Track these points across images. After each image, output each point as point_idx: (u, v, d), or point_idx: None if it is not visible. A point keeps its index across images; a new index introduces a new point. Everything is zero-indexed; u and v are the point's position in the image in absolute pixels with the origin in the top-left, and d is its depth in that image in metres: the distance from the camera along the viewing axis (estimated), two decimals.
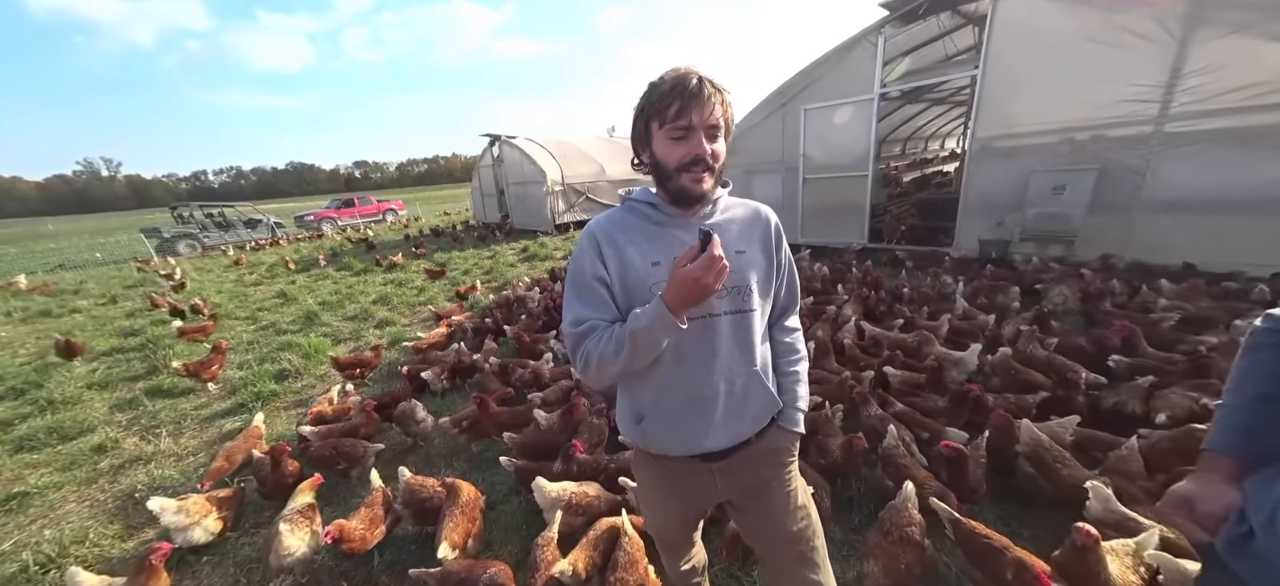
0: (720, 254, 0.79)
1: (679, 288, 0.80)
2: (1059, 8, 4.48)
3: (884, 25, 5.63)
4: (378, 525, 1.94)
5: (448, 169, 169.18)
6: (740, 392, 0.96)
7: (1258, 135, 3.83)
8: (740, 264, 0.94)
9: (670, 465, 1.03)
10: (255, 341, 5.06)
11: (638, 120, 0.91)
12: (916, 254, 5.71)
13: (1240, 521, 0.65)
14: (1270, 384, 0.68)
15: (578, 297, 0.94)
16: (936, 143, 15.51)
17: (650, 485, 1.15)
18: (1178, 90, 4.07)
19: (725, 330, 0.93)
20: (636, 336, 0.84)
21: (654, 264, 0.92)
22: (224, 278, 9.24)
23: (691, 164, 0.87)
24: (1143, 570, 1.38)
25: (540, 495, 1.87)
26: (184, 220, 14.70)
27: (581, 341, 0.91)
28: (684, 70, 0.86)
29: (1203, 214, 4.16)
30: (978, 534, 1.50)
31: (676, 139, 0.86)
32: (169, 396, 3.82)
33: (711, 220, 0.97)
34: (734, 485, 1.05)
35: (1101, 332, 2.91)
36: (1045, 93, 4.74)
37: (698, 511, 1.22)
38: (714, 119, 0.86)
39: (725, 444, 0.97)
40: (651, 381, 0.95)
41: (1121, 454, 1.83)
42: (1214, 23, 3.82)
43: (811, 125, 6.53)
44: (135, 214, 65.99)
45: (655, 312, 0.82)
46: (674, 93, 0.83)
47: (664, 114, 0.85)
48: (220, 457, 2.54)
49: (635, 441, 1.05)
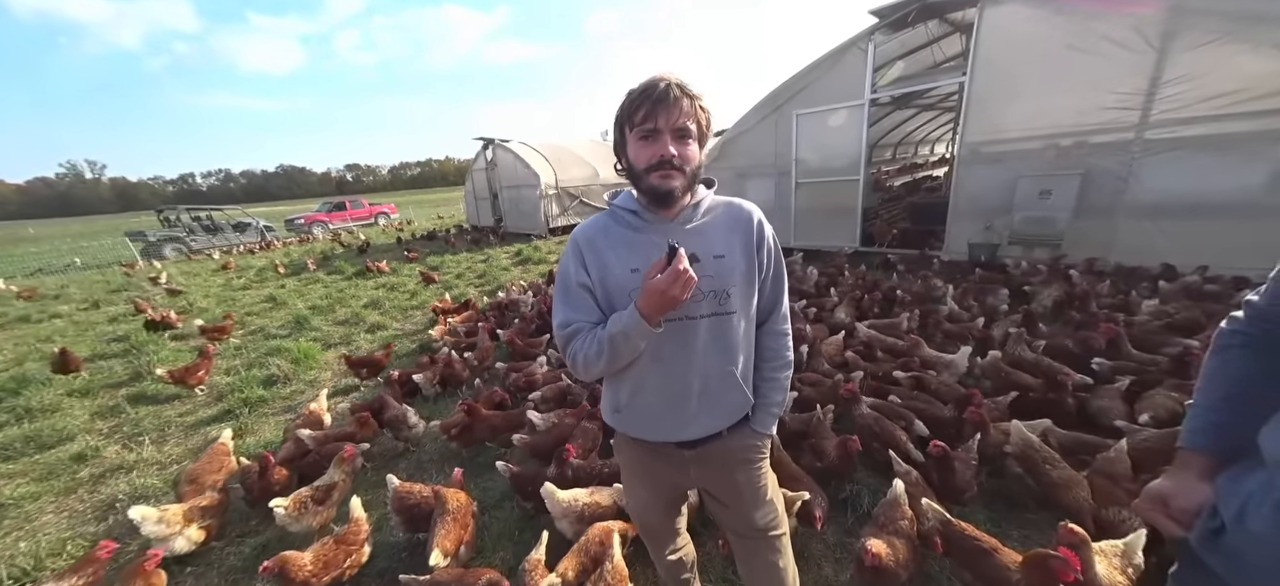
0: (685, 268, 0.83)
1: (648, 298, 0.85)
2: (1043, 16, 4.58)
3: (874, 32, 5.72)
4: (332, 570, 1.68)
5: (441, 172, 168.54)
6: (715, 390, 1.01)
7: (1234, 142, 3.94)
8: (720, 268, 0.97)
9: (647, 449, 1.10)
10: (243, 346, 4.98)
11: (615, 127, 0.96)
12: (907, 257, 5.79)
13: (1212, 517, 0.66)
14: (1237, 383, 0.71)
15: (565, 301, 1.01)
16: (927, 148, 15.76)
17: (629, 467, 1.23)
18: (1157, 98, 4.17)
19: (703, 332, 0.98)
20: (614, 340, 0.91)
21: (632, 270, 0.96)
22: (211, 282, 9.09)
23: (658, 165, 0.90)
24: (1131, 571, 1.40)
25: (550, 502, 1.84)
26: (170, 223, 14.44)
27: (569, 342, 0.98)
28: (656, 76, 0.89)
29: (1183, 218, 4.27)
30: (967, 535, 1.52)
31: (644, 141, 0.90)
32: (153, 403, 3.74)
33: (692, 224, 0.98)
34: (707, 476, 1.13)
35: (1087, 334, 2.96)
36: (1031, 99, 4.84)
37: (673, 495, 1.25)
38: (682, 123, 0.88)
39: (697, 435, 1.04)
40: (630, 377, 1.01)
41: (1110, 456, 1.85)
42: (1190, 32, 3.93)
43: (804, 130, 6.60)
44: (120, 217, 64.76)
45: (629, 319, 0.88)
46: (642, 97, 0.88)
47: (633, 118, 0.90)
48: (183, 483, 2.34)
49: (615, 428, 1.13)
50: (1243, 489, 0.63)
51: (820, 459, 2.13)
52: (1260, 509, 0.60)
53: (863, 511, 1.98)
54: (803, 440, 2.26)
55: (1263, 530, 0.59)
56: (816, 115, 6.40)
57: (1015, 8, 4.74)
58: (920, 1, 5.34)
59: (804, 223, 7.02)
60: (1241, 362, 0.71)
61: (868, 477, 2.16)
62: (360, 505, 1.92)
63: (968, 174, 5.49)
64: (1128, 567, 1.41)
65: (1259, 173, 3.92)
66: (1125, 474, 1.78)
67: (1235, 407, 0.69)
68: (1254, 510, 0.60)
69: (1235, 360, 0.72)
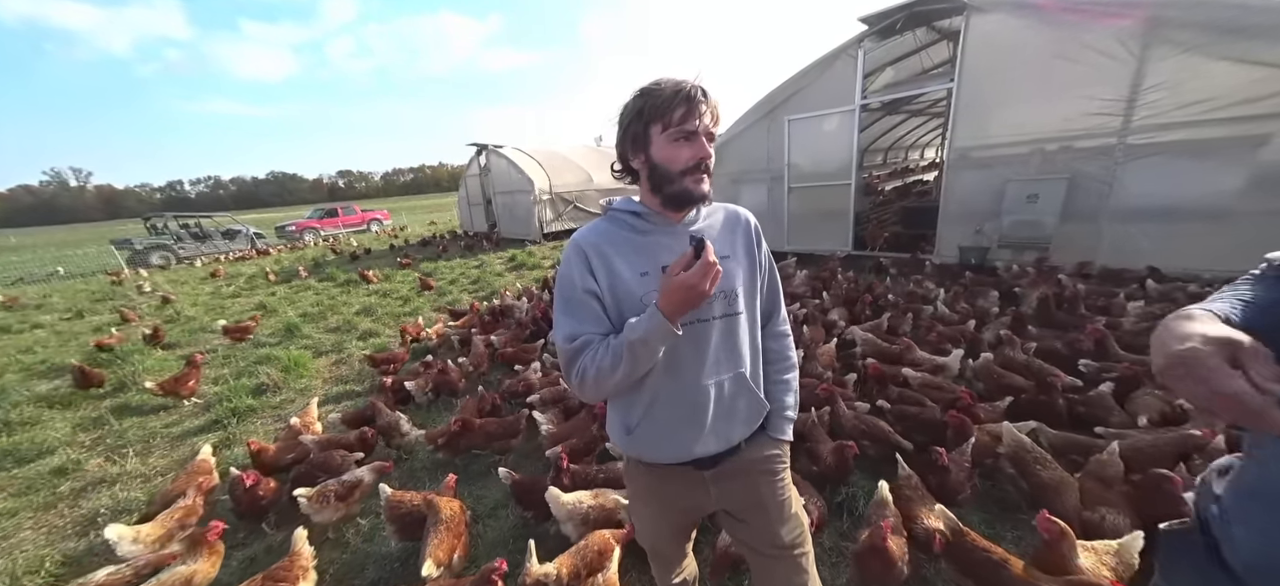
0: (714, 259, 0.81)
1: (673, 295, 0.81)
2: (1027, 25, 4.68)
3: (863, 39, 5.81)
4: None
5: (434, 178, 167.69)
6: (728, 396, 0.97)
7: (1209, 147, 4.06)
8: (726, 268, 0.95)
9: (663, 473, 1.03)
10: (232, 355, 4.90)
11: (633, 124, 0.90)
12: (899, 261, 5.85)
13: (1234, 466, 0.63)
14: None
15: (569, 313, 0.93)
16: (917, 153, 15.97)
17: (642, 495, 1.15)
18: (1138, 105, 4.29)
19: (715, 334, 0.95)
20: (634, 346, 0.84)
21: (642, 274, 0.92)
22: (200, 289, 8.95)
23: (696, 167, 0.89)
24: (1120, 569, 1.42)
25: (554, 506, 1.82)
26: (158, 231, 14.21)
27: (577, 356, 0.90)
28: (682, 77, 0.88)
29: (1164, 222, 4.37)
30: (977, 546, 1.50)
31: (682, 141, 0.87)
32: (138, 414, 3.65)
33: (697, 225, 0.97)
34: (728, 495, 1.05)
35: (1075, 336, 3.01)
36: (1017, 105, 4.94)
37: (690, 521, 1.20)
38: (711, 124, 0.89)
39: (715, 449, 0.98)
40: (643, 390, 0.95)
41: (1103, 458, 1.86)
42: (1167, 43, 4.05)
43: (796, 135, 6.67)
44: (106, 225, 63.58)
45: (652, 321, 0.83)
46: (679, 97, 0.85)
47: (669, 117, 0.86)
48: (157, 503, 2.23)
49: (627, 451, 1.06)
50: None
51: (816, 463, 2.13)
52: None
53: (858, 514, 1.98)
54: (799, 444, 2.27)
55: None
56: (808, 120, 6.48)
57: (1000, 17, 4.84)
58: (908, 9, 5.45)
59: (797, 227, 7.08)
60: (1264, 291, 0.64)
61: (864, 480, 2.16)
62: (304, 537, 1.80)
63: (957, 178, 5.58)
64: (1119, 566, 1.42)
65: (1234, 177, 4.04)
66: (1118, 476, 1.80)
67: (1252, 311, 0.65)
68: None
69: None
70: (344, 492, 2.13)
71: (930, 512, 1.70)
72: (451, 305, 6.01)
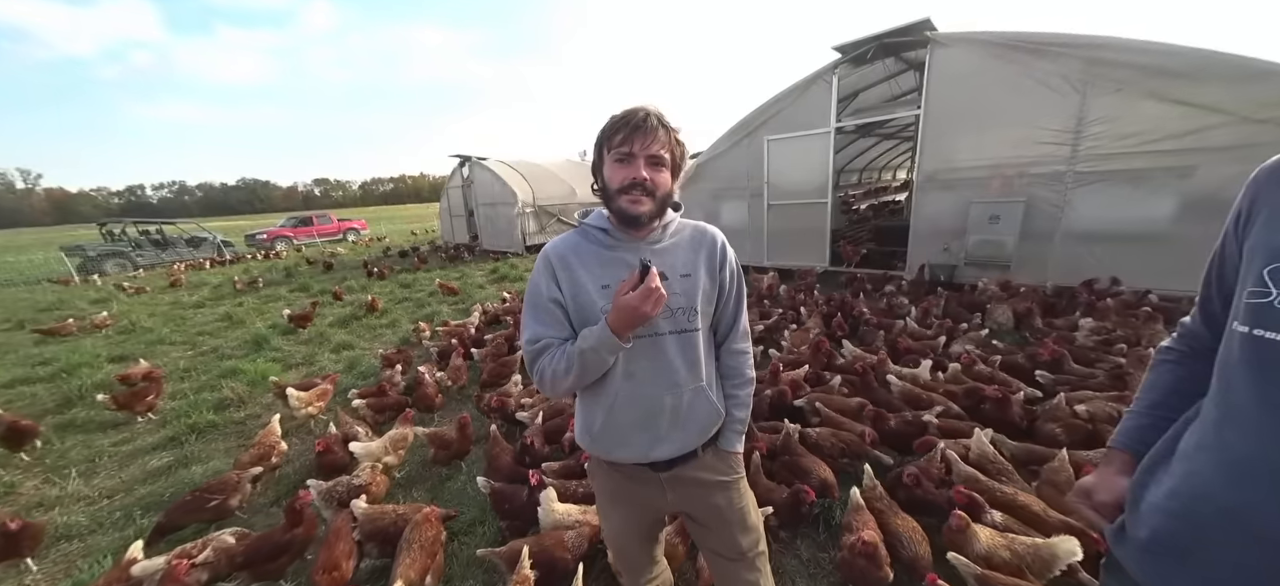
0: (657, 285, 0.87)
1: (619, 313, 0.89)
2: (984, 58, 5.05)
3: (837, 66, 6.13)
4: None
5: (415, 188, 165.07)
6: (686, 406, 1.03)
7: (1145, 177, 4.47)
8: (687, 286, 1.01)
9: (623, 472, 1.11)
10: (192, 368, 4.65)
11: (595, 148, 1.00)
12: (873, 276, 6.08)
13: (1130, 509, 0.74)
14: (1162, 393, 0.81)
15: (534, 317, 1.02)
16: (890, 174, 16.70)
17: (605, 493, 1.22)
18: (1083, 136, 4.66)
19: (671, 348, 1.01)
20: (584, 355, 0.93)
21: (603, 287, 0.99)
22: (159, 299, 8.47)
23: (629, 187, 0.94)
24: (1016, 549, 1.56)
25: (544, 513, 1.81)
26: (114, 237, 13.43)
27: (537, 357, 0.99)
28: (637, 105, 0.95)
29: (1110, 243, 4.72)
30: None
31: (619, 163, 0.94)
32: (83, 431, 3.41)
33: (660, 245, 1.03)
34: (685, 499, 1.12)
35: (1035, 349, 3.19)
36: (978, 132, 5.27)
37: (651, 520, 1.24)
38: (656, 151, 0.93)
39: (670, 454, 1.04)
40: (603, 396, 1.02)
41: (1054, 466, 1.98)
42: (1103, 80, 4.47)
43: (774, 155, 6.91)
44: (55, 230, 59.69)
45: (600, 334, 0.92)
46: (621, 122, 0.93)
47: (611, 140, 0.94)
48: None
49: (590, 450, 1.12)
50: (1145, 483, 0.71)
51: (797, 476, 2.11)
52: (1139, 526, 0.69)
53: (835, 526, 2.02)
54: (774, 459, 2.30)
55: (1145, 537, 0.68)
56: (787, 141, 6.73)
57: (960, 50, 5.20)
58: (878, 41, 5.79)
59: (775, 243, 7.27)
60: (1168, 375, 0.81)
61: (842, 491, 2.20)
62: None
63: (925, 199, 5.87)
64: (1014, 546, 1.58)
65: (1167, 204, 4.43)
66: (1069, 481, 1.91)
67: (1158, 415, 0.78)
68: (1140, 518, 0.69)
69: (1165, 373, 0.81)
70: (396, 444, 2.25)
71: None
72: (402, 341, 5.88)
